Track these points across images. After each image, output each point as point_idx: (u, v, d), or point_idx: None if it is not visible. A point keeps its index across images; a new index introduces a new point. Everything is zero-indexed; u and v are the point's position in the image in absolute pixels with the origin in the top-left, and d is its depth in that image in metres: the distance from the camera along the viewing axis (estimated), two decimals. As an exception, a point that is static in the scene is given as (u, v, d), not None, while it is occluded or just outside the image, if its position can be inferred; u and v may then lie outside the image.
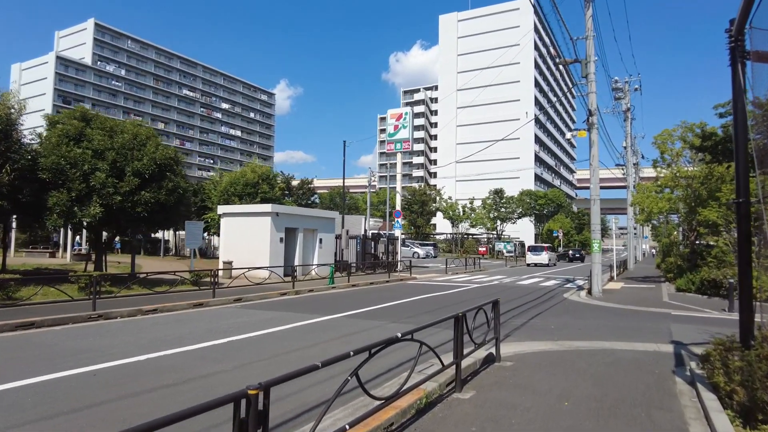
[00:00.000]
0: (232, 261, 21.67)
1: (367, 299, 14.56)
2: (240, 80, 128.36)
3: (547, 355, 7.48)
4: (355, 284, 18.94)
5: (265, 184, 25.17)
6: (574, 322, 10.92)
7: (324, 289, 17.19)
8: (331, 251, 24.50)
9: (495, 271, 30.25)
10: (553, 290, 18.61)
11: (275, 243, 21.14)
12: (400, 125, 29.20)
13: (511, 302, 14.23)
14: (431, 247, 51.35)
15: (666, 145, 22.73)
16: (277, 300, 14.15)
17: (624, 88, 35.95)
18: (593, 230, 16.59)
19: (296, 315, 11.07)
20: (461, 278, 23.89)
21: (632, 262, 35.12)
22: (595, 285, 16.30)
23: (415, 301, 14.39)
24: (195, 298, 13.06)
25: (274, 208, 21.31)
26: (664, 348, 8.09)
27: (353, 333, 8.99)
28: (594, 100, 16.73)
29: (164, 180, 15.36)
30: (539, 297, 15.99)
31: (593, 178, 16.61)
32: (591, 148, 16.79)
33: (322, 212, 24.43)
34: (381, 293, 16.52)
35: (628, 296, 16.44)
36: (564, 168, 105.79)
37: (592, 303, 14.76)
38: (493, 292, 17.56)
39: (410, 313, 11.76)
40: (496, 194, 58.12)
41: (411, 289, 18.01)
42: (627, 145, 36.24)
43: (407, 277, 23.04)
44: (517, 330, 9.68)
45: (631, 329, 10.04)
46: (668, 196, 21.63)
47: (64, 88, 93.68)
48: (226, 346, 7.78)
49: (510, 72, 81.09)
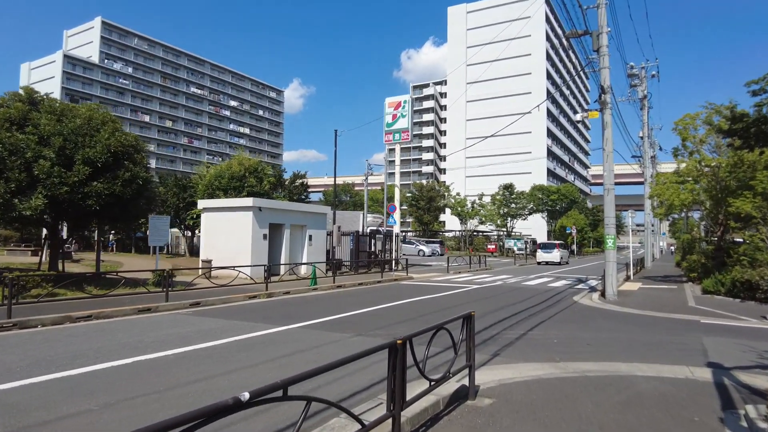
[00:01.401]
0: (212, 260, 20.04)
1: (344, 304, 12.74)
2: (248, 78, 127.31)
3: (542, 385, 5.59)
4: (341, 285, 17.13)
5: (252, 178, 23.44)
6: (582, 333, 8.98)
7: (303, 291, 15.40)
8: (322, 249, 22.74)
9: (501, 270, 28.24)
10: (561, 292, 16.61)
11: (258, 240, 19.44)
12: (398, 114, 27.33)
13: (509, 308, 12.30)
14: (437, 245, 49.37)
15: (688, 131, 20.56)
16: (239, 305, 12.38)
17: (640, 74, 33.69)
18: (607, 224, 14.56)
19: (247, 324, 9.28)
20: (462, 278, 21.96)
21: (649, 260, 32.87)
22: (609, 286, 14.29)
23: (398, 306, 12.53)
24: (145, 302, 11.35)
25: (256, 201, 19.58)
26: (699, 374, 6.14)
27: (300, 351, 7.17)
28: (607, 76, 14.69)
29: (120, 170, 13.67)
30: (544, 301, 14.02)
31: (607, 165, 14.59)
32: (604, 130, 14.76)
33: (311, 207, 22.65)
34: (365, 296, 14.68)
35: (647, 299, 14.40)
36: (578, 163, 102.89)
37: (606, 308, 12.76)
38: (492, 294, 15.63)
39: (385, 321, 9.91)
40: (506, 189, 55.88)
41: (401, 291, 16.15)
42: (644, 135, 33.95)
43: (403, 277, 21.17)
44: (511, 346, 7.77)
45: (652, 344, 8.09)
46: (691, 187, 19.46)
47: (72, 87, 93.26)
48: (121, 371, 6.01)
49: (521, 64, 78.67)
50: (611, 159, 14.54)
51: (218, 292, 13.65)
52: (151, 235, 15.18)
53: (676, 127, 20.90)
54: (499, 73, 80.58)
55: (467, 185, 79.50)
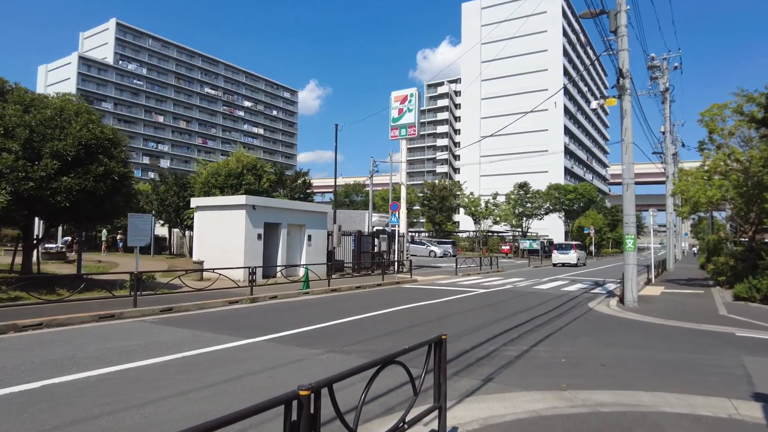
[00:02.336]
0: (203, 261, 19.02)
1: (331, 310, 11.53)
2: (262, 78, 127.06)
3: (540, 428, 4.30)
4: (336, 289, 15.92)
5: (251, 175, 22.35)
6: (596, 350, 7.63)
7: (293, 295, 14.23)
8: (322, 250, 21.57)
9: (513, 273, 26.78)
10: (576, 297, 15.18)
11: (251, 240, 18.34)
12: (405, 108, 26.05)
13: (514, 317, 10.95)
14: (450, 246, 47.91)
15: (716, 122, 18.95)
16: (216, 311, 11.25)
17: (662, 65, 31.92)
18: (626, 223, 13.12)
19: (208, 336, 8.12)
20: (469, 281, 20.60)
21: (672, 262, 31.06)
22: (629, 291, 12.84)
23: (391, 314, 11.27)
24: (110, 308, 10.28)
25: (250, 199, 18.48)
26: (746, 410, 4.78)
27: (251, 374, 5.97)
28: (626, 59, 13.25)
29: (93, 164, 12.65)
30: (556, 308, 12.63)
31: (626, 157, 13.14)
32: (622, 119, 13.32)
33: (311, 205, 21.50)
34: (358, 301, 13.45)
35: (671, 306, 12.92)
36: (596, 162, 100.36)
37: (625, 317, 11.34)
38: (498, 299, 14.28)
39: (370, 333, 8.66)
40: (520, 188, 54.13)
41: (400, 296, 14.89)
42: (666, 130, 32.17)
43: (406, 280, 19.89)
44: (509, 366, 6.47)
45: (681, 364, 6.71)
46: (719, 183, 17.83)
47: (87, 88, 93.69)
48: (11, 401, 4.87)
49: (537, 60, 76.77)
50: (631, 151, 13.10)
51: (198, 296, 12.55)
52: (130, 234, 14.11)
53: (702, 119, 19.30)
54: (514, 69, 78.81)
55: (482, 185, 77.81)
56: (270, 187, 23.54)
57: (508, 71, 79.32)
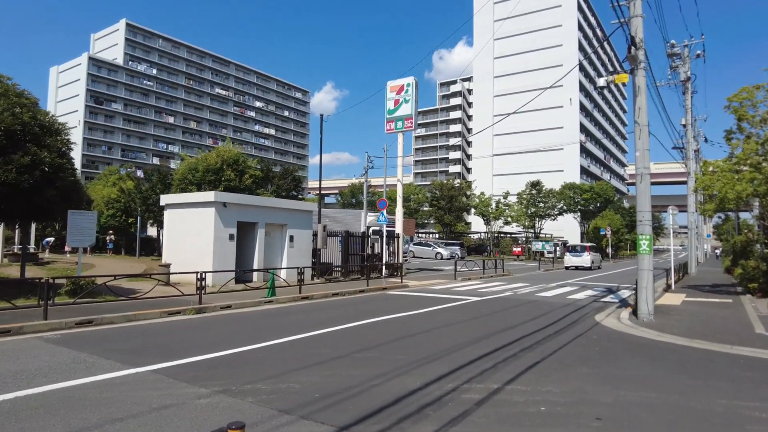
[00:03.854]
0: (171, 264, 17.34)
1: (281, 326, 9.66)
2: (274, 78, 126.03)
3: None
4: (307, 296, 14.01)
5: (231, 171, 20.58)
6: (593, 390, 5.60)
7: (252, 304, 12.40)
8: (307, 252, 19.76)
9: (520, 277, 24.63)
10: (582, 308, 13.08)
11: (221, 241, 16.59)
12: (401, 99, 24.09)
13: (499, 336, 8.95)
14: (458, 248, 45.72)
15: (745, 108, 16.67)
16: (144, 325, 9.44)
17: (683, 53, 29.52)
18: (641, 221, 11.01)
19: (93, 362, 6.29)
20: (466, 287, 18.58)
21: (693, 266, 28.58)
22: (643, 302, 10.73)
23: (348, 330, 9.35)
24: (15, 321, 8.56)
25: (219, 196, 16.73)
26: None
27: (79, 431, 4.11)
28: (639, 27, 11.17)
29: (16, 153, 10.98)
30: (555, 322, 10.58)
31: (640, 143, 11.04)
32: (636, 98, 11.22)
33: (293, 203, 19.64)
34: (322, 313, 11.56)
35: (694, 320, 10.78)
36: (614, 161, 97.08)
37: (638, 334, 9.26)
38: (490, 310, 12.26)
39: (297, 363, 6.71)
40: (533, 187, 51.65)
41: (376, 306, 12.96)
42: (687, 123, 29.72)
43: (395, 285, 17.93)
44: (461, 421, 4.49)
45: (717, 419, 4.67)
46: (750, 176, 15.57)
47: (97, 89, 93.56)
48: None
49: (551, 55, 74.06)
50: (646, 136, 10.99)
51: (133, 305, 10.79)
52: (70, 234, 12.48)
53: (730, 104, 17.01)
54: (527, 65, 76.22)
55: (495, 184, 75.31)
56: (254, 184, 21.77)
57: (521, 67, 76.78)
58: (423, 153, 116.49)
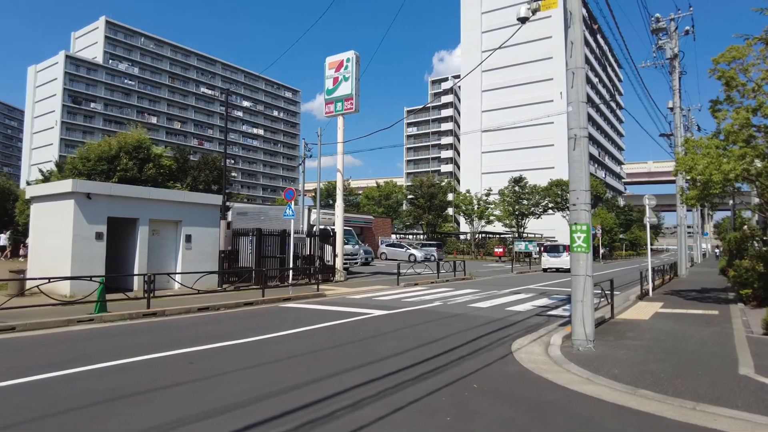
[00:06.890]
0: (25, 269, 14.14)
1: (58, 361, 6.40)
2: (263, 77, 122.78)
3: None
4: (156, 312, 10.66)
5: (127, 158, 17.29)
6: None
7: (63, 324, 9.12)
8: (212, 254, 16.46)
9: (479, 282, 21.30)
10: (510, 326, 9.74)
11: (85, 240, 13.29)
12: (340, 77, 20.83)
13: (342, 377, 5.64)
14: (434, 249, 42.36)
15: (734, 72, 13.37)
16: None
17: (669, 28, 26.32)
18: (573, 204, 7.72)
19: None
20: (400, 295, 15.26)
21: (684, 267, 25.20)
22: (579, 324, 7.41)
23: (141, 364, 6.08)
24: None
25: (80, 185, 13.45)
26: None
27: None
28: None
29: None
30: (451, 350, 7.25)
31: (573, 94, 7.72)
32: (567, 30, 7.94)
33: (188, 195, 16.31)
34: (143, 337, 8.28)
35: (655, 348, 7.46)
36: (609, 158, 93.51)
37: (551, 381, 5.91)
38: (383, 330, 8.93)
39: None
40: (516, 183, 48.24)
41: (239, 324, 9.69)
42: (675, 106, 26.43)
43: (308, 294, 14.55)
44: None
45: None
46: (741, 152, 12.24)
47: (76, 88, 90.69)
48: None
49: (541, 48, 70.78)
50: (581, 82, 7.68)
51: None
52: None
53: (716, 67, 13.71)
54: (516, 59, 72.86)
55: (484, 182, 71.93)
56: (161, 176, 18.49)
57: (510, 61, 73.41)
58: (415, 152, 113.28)
